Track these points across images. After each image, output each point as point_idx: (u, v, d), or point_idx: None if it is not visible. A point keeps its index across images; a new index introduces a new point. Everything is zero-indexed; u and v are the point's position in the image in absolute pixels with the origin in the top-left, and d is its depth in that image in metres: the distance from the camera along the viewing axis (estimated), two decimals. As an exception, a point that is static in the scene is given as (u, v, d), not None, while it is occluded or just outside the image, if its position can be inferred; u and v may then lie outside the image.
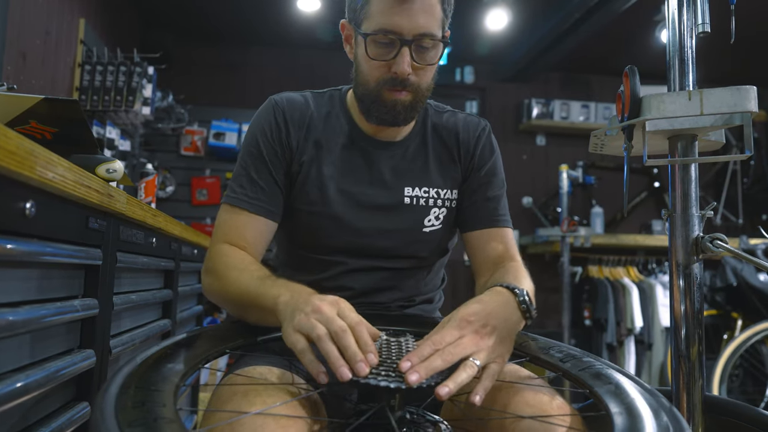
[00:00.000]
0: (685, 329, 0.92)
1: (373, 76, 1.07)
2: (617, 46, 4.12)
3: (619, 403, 0.65)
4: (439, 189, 1.18)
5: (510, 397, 0.83)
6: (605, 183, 4.57)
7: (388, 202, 1.14)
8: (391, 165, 1.16)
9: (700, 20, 0.93)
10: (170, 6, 3.85)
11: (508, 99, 4.65)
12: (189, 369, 0.70)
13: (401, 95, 1.07)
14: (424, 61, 1.06)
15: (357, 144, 1.16)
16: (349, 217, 1.12)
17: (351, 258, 1.14)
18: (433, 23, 1.04)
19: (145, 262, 1.43)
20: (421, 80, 1.08)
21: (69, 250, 0.94)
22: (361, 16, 1.06)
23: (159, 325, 1.60)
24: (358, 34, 1.07)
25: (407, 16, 1.01)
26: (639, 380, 0.73)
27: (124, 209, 1.13)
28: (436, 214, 1.17)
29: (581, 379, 0.76)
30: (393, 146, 1.17)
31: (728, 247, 0.88)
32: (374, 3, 1.03)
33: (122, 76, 2.98)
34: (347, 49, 1.16)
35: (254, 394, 0.76)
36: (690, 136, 0.94)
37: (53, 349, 0.95)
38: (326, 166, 1.13)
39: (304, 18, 3.69)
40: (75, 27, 2.89)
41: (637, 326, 3.92)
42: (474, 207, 1.18)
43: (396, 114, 1.09)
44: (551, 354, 0.87)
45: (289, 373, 0.88)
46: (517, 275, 1.02)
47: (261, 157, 1.11)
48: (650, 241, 4.11)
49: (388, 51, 1.04)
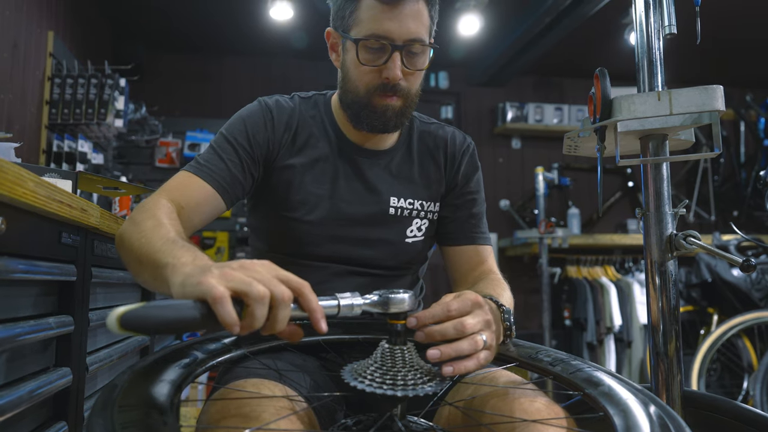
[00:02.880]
0: (662, 326, 0.93)
1: (363, 81, 1.08)
2: (588, 49, 4.18)
3: (615, 404, 0.66)
4: (423, 201, 1.18)
5: (506, 404, 0.82)
6: (581, 184, 4.62)
7: (372, 212, 1.14)
8: (376, 174, 1.16)
9: (667, 22, 0.95)
10: (141, 17, 3.81)
11: (482, 103, 4.69)
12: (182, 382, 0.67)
13: (392, 101, 1.08)
14: (414, 66, 1.07)
15: (343, 151, 1.15)
16: (333, 225, 1.12)
17: (333, 264, 1.13)
18: (422, 29, 1.05)
19: (122, 276, 1.40)
20: (411, 85, 1.09)
21: (42, 266, 0.92)
22: (350, 22, 1.07)
23: (137, 339, 1.58)
24: (348, 40, 1.07)
25: (398, 22, 1.02)
26: (628, 380, 0.74)
27: (98, 223, 1.11)
28: (418, 225, 1.18)
29: (574, 382, 0.76)
30: (379, 155, 1.17)
31: (701, 244, 0.90)
32: (363, 9, 1.04)
33: (93, 89, 2.94)
34: (333, 57, 1.16)
35: (249, 409, 0.74)
36: (661, 135, 0.95)
37: (28, 368, 0.93)
38: (311, 172, 1.13)
39: (277, 26, 3.68)
40: (44, 40, 2.84)
41: (616, 325, 3.97)
42: (457, 223, 1.20)
43: (387, 120, 1.09)
44: (539, 358, 0.87)
45: (281, 386, 0.85)
46: (497, 288, 1.03)
47: (235, 147, 1.08)
48: (626, 240, 4.17)
49: (378, 56, 1.05)
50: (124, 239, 0.87)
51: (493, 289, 1.02)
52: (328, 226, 1.11)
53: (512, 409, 0.81)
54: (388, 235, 1.15)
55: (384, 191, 1.15)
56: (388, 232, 1.15)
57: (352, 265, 1.14)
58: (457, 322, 0.74)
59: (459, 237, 1.20)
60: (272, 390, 0.83)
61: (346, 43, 1.09)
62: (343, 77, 1.13)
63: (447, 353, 0.72)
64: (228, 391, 0.82)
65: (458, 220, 1.20)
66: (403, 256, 1.17)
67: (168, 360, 0.75)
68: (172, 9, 3.68)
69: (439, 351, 0.71)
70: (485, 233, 1.22)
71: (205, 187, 1.03)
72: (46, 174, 1.19)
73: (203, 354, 0.80)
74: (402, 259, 1.18)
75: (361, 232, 1.13)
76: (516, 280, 4.43)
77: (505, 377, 0.91)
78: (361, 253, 1.13)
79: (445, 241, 1.22)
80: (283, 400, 0.80)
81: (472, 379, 0.90)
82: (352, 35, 1.06)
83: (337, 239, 1.12)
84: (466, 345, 0.73)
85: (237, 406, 0.76)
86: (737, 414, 0.94)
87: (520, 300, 4.46)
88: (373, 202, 1.15)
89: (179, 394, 0.65)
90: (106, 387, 0.61)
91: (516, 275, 4.37)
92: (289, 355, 0.99)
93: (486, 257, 1.19)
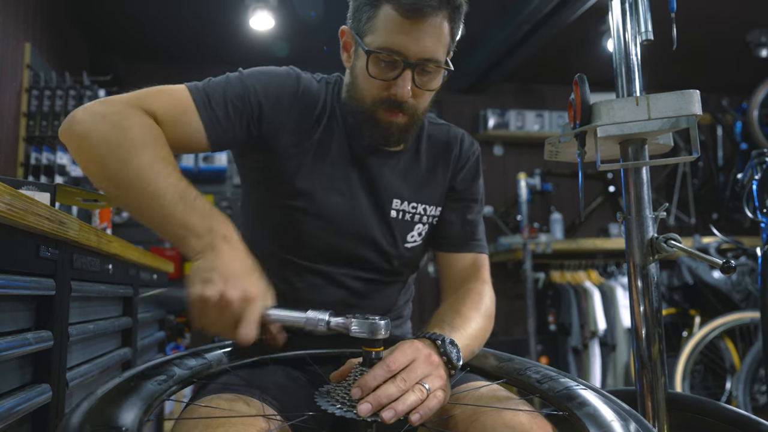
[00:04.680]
0: (646, 329, 0.94)
1: (370, 93, 1.02)
2: (567, 55, 4.23)
3: (597, 427, 0.66)
4: (426, 205, 1.15)
5: (491, 420, 0.82)
6: (563, 189, 4.66)
7: (375, 211, 1.11)
8: (383, 174, 1.11)
9: (643, 28, 0.96)
10: (119, 28, 3.78)
11: (464, 110, 4.71)
12: (153, 402, 0.67)
13: (397, 117, 1.02)
14: (425, 87, 1.02)
15: (352, 146, 1.10)
16: (336, 218, 1.08)
17: (329, 266, 1.10)
18: (439, 48, 0.99)
19: (102, 290, 1.38)
20: (419, 104, 1.04)
21: (19, 281, 0.90)
22: (366, 28, 1.00)
23: (119, 354, 1.55)
24: (360, 47, 1.01)
25: (415, 38, 0.96)
26: (618, 401, 0.74)
27: (77, 236, 1.10)
28: (419, 230, 1.15)
29: (559, 401, 0.77)
30: (388, 155, 1.12)
31: (682, 247, 0.90)
32: (381, 18, 0.97)
33: (72, 100, 2.91)
34: (344, 57, 1.10)
35: (216, 426, 0.72)
36: (640, 140, 0.96)
37: (6, 385, 0.91)
38: (319, 162, 1.08)
39: (258, 36, 3.67)
40: (20, 51, 2.81)
41: (601, 328, 4.00)
42: (452, 228, 1.17)
43: (389, 135, 1.05)
44: (528, 375, 0.87)
45: (258, 402, 0.83)
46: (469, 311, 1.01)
47: (248, 100, 1.03)
48: (608, 244, 4.20)
49: (389, 71, 0.99)
50: (96, 142, 0.87)
51: (459, 315, 0.99)
52: (330, 217, 1.07)
53: (493, 425, 0.81)
54: (390, 237, 1.12)
55: (389, 192, 1.11)
56: (389, 234, 1.12)
57: (350, 266, 1.11)
58: (399, 380, 0.75)
59: (454, 243, 1.17)
60: (247, 405, 0.81)
61: (358, 48, 1.02)
62: (351, 82, 1.07)
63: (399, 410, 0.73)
64: (200, 409, 0.80)
65: (454, 225, 1.17)
66: (400, 261, 1.15)
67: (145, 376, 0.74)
68: (150, 19, 3.65)
69: (393, 410, 0.72)
70: (481, 241, 1.19)
71: (194, 120, 0.98)
72: (24, 187, 1.17)
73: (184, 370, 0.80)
74: (399, 263, 1.15)
75: (363, 228, 1.10)
76: (500, 286, 4.41)
77: (489, 393, 0.91)
78: (361, 253, 1.10)
79: (439, 246, 1.18)
80: (257, 420, 0.78)
81: (453, 397, 0.90)
82: (365, 43, 0.99)
83: (338, 234, 1.08)
84: (413, 398, 0.75)
85: (204, 425, 0.74)
86: (721, 415, 0.94)
87: (505, 306, 4.49)
88: (377, 201, 1.11)
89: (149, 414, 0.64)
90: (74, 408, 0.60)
91: (500, 281, 4.36)
92: (273, 368, 0.98)
93: (479, 267, 1.16)
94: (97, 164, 0.88)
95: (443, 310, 1.02)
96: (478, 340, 0.98)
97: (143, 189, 0.83)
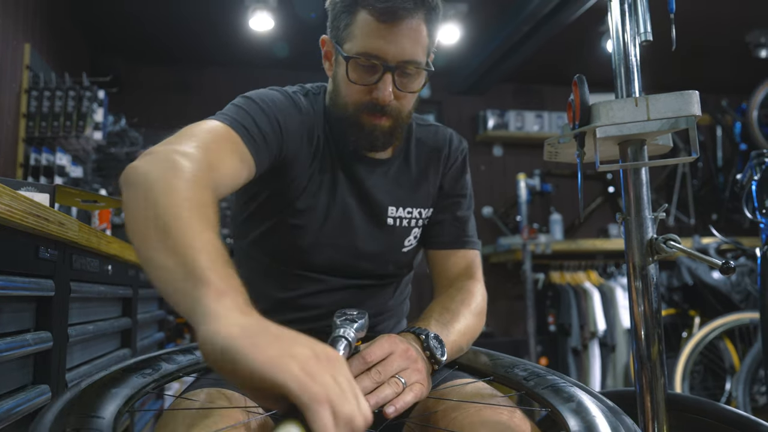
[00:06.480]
0: (645, 329, 0.94)
1: (352, 99, 1.03)
2: (567, 56, 4.23)
3: (579, 421, 0.66)
4: (421, 209, 1.15)
5: (469, 417, 0.82)
6: (562, 190, 4.66)
7: (373, 222, 1.12)
8: (376, 183, 1.12)
9: (642, 29, 0.96)
10: (119, 28, 3.78)
11: (463, 111, 4.72)
12: (135, 393, 0.68)
13: (381, 121, 1.03)
14: (406, 89, 1.02)
15: (345, 160, 1.10)
16: (334, 233, 1.08)
17: (328, 276, 1.10)
18: (418, 50, 1.00)
19: (102, 290, 1.38)
20: (402, 106, 1.04)
21: (18, 282, 0.90)
22: (344, 36, 1.01)
23: (118, 355, 1.56)
24: (340, 54, 1.02)
25: (392, 41, 0.97)
26: (602, 398, 0.74)
27: (77, 237, 1.10)
28: (415, 234, 1.16)
29: (543, 397, 0.77)
30: (378, 163, 1.13)
31: (681, 247, 0.90)
32: (358, 24, 0.99)
33: (71, 101, 2.90)
34: (326, 65, 1.11)
35: (199, 419, 0.73)
36: (639, 141, 0.96)
37: (5, 387, 0.91)
38: (318, 180, 1.08)
39: (257, 37, 3.67)
40: (20, 52, 2.80)
41: (600, 329, 4.00)
42: (441, 226, 1.17)
43: (374, 140, 1.05)
44: (515, 372, 0.88)
45: (239, 396, 0.83)
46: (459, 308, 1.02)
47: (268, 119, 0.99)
48: (608, 244, 4.21)
49: (369, 75, 1.00)
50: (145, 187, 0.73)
51: (447, 311, 1.00)
52: (330, 234, 1.08)
53: (472, 422, 0.81)
54: (387, 245, 1.12)
55: (383, 201, 1.12)
56: (387, 242, 1.12)
57: (348, 276, 1.11)
58: (374, 373, 0.77)
59: (444, 240, 1.16)
60: (230, 400, 0.81)
61: (338, 56, 1.04)
62: (333, 90, 1.08)
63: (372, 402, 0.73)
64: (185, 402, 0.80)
65: (443, 223, 1.17)
66: (397, 265, 1.15)
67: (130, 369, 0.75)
68: (150, 20, 3.66)
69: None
70: (472, 236, 1.18)
71: (242, 150, 0.91)
72: (23, 188, 1.17)
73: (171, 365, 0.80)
74: (396, 267, 1.15)
75: (361, 241, 1.10)
76: (500, 287, 4.45)
77: (473, 390, 0.90)
78: (359, 264, 1.11)
79: (430, 244, 1.18)
80: (238, 412, 0.78)
81: (436, 393, 0.90)
82: (344, 50, 1.01)
83: (337, 249, 1.09)
84: (389, 391, 0.76)
85: (190, 417, 0.74)
86: (721, 416, 0.94)
87: (505, 307, 4.49)
88: (373, 211, 1.11)
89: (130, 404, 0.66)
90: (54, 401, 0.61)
91: (500, 282, 4.38)
92: None
93: (471, 264, 1.15)
94: None
95: (432, 307, 1.03)
96: (466, 337, 0.99)
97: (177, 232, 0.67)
